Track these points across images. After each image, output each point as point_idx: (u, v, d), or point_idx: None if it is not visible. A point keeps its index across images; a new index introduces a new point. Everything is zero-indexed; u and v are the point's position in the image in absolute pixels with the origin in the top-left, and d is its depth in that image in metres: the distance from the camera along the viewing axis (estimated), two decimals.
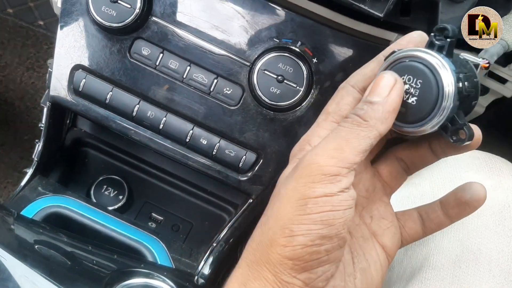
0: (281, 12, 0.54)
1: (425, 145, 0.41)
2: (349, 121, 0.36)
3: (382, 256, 0.41)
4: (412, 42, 0.38)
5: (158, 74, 0.56)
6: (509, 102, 0.60)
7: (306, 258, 0.34)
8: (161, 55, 0.56)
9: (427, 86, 0.35)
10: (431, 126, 0.36)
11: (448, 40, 0.36)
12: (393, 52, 0.38)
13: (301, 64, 0.54)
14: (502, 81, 0.57)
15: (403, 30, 0.52)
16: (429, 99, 0.35)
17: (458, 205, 0.41)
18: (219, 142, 0.56)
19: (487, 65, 0.41)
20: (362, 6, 0.47)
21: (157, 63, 0.56)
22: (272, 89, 0.54)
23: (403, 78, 0.36)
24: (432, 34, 0.37)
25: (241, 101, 0.56)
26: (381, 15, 0.46)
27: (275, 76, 0.54)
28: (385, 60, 0.38)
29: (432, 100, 0.35)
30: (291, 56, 0.54)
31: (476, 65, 0.38)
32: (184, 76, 0.56)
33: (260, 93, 0.54)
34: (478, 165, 0.53)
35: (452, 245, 0.50)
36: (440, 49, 0.36)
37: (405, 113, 0.37)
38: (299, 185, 0.35)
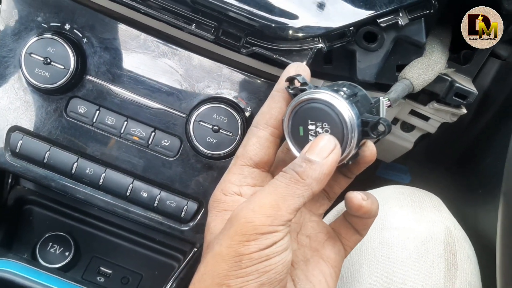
0: (213, 65, 0.56)
1: (336, 171, 0.43)
2: (287, 177, 0.36)
3: (327, 272, 0.42)
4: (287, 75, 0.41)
5: (95, 131, 0.57)
6: (435, 137, 0.63)
7: None
8: (98, 112, 0.57)
9: (332, 123, 0.37)
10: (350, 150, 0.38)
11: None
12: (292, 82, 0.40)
13: (235, 113, 0.55)
14: (425, 118, 0.60)
15: (328, 77, 0.56)
16: (337, 132, 0.37)
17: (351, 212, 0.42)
18: (159, 194, 0.57)
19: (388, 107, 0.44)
20: (284, 59, 0.49)
21: (94, 120, 0.57)
22: (209, 139, 0.56)
23: (313, 123, 0.38)
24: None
25: (179, 152, 0.57)
26: None
27: (211, 126, 0.55)
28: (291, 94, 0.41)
29: (340, 132, 0.37)
30: (225, 107, 0.55)
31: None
32: (122, 131, 0.57)
33: (197, 144, 0.56)
34: (402, 200, 0.56)
35: (379, 279, 0.52)
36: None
37: None
38: (234, 243, 0.35)
